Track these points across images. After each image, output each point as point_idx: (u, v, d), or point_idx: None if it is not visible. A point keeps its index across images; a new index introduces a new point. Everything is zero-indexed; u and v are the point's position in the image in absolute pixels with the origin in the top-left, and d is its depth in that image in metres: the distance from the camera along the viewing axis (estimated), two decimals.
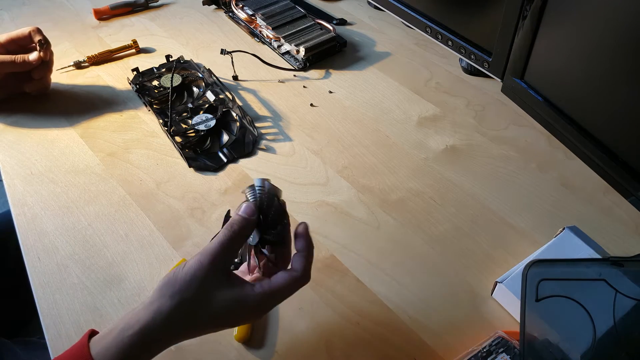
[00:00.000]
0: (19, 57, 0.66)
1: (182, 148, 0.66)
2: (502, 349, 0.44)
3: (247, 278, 0.42)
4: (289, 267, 0.41)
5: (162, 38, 0.87)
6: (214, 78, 0.75)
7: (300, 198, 0.60)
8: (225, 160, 0.65)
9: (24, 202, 0.60)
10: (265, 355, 0.47)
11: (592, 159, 0.57)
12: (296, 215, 0.58)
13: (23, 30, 0.68)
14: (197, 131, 0.67)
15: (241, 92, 0.76)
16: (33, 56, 0.67)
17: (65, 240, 0.56)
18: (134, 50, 0.84)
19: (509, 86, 0.66)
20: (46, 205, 0.59)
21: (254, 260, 0.42)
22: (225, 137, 0.68)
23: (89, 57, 0.80)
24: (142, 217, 0.58)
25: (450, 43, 0.73)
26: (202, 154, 0.66)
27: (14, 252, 0.69)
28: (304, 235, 0.41)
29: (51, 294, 0.51)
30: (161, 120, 0.69)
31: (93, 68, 0.80)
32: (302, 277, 0.40)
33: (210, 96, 0.72)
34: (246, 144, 0.67)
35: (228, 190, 0.61)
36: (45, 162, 0.65)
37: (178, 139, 0.67)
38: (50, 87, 0.74)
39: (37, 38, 0.68)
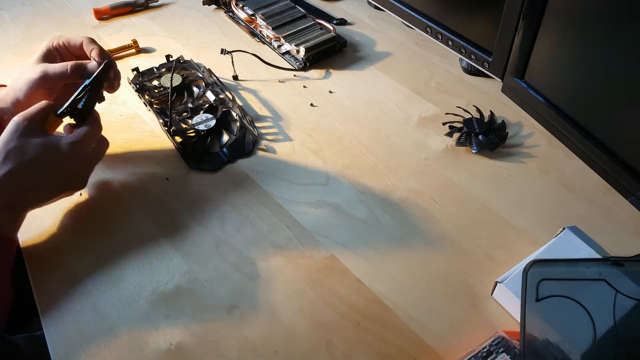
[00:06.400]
0: (71, 65, 0.57)
1: (182, 148, 0.66)
2: (502, 349, 0.44)
3: None
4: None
5: (162, 38, 0.87)
6: (214, 78, 0.75)
7: (300, 198, 0.60)
8: (225, 160, 0.65)
9: None
10: (265, 355, 0.47)
11: (592, 159, 0.57)
12: (296, 215, 0.58)
13: (75, 39, 0.60)
14: (197, 131, 0.67)
15: (241, 92, 0.76)
16: (92, 65, 0.57)
17: (66, 240, 0.56)
18: (134, 50, 0.84)
19: (509, 86, 0.66)
20: (46, 205, 0.59)
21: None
22: (225, 137, 0.68)
23: None
24: (142, 217, 0.58)
25: (450, 43, 0.73)
26: (202, 153, 0.65)
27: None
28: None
29: (51, 295, 0.51)
30: (161, 120, 0.69)
31: None
32: (97, 122, 0.56)
33: (210, 96, 0.72)
34: (246, 144, 0.67)
35: (228, 190, 0.61)
36: None
37: (178, 138, 0.67)
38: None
39: (92, 51, 0.59)
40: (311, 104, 0.73)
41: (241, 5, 0.89)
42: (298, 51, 0.79)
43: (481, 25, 0.67)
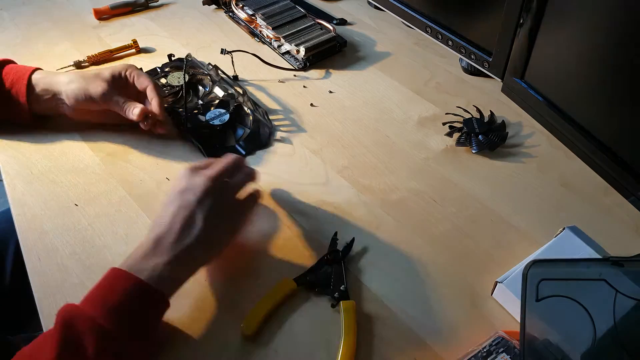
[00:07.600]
0: (127, 107, 0.62)
1: (201, 144, 0.66)
2: (502, 349, 0.44)
3: None
4: None
5: (162, 38, 0.87)
6: (222, 74, 0.75)
7: (300, 198, 0.60)
8: (243, 153, 0.65)
9: (24, 202, 0.60)
10: (265, 355, 0.47)
11: (592, 159, 0.57)
12: (296, 215, 0.58)
13: (144, 80, 0.63)
14: (211, 126, 0.67)
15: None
16: (137, 111, 0.62)
17: (66, 240, 0.56)
18: (134, 50, 0.84)
19: (509, 86, 0.66)
20: (46, 205, 0.59)
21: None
22: (241, 131, 0.68)
23: (89, 57, 0.80)
24: (143, 217, 0.58)
25: (450, 43, 0.73)
26: (219, 148, 0.66)
27: (14, 251, 0.69)
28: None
29: (51, 294, 0.51)
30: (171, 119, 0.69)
31: (93, 68, 0.80)
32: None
33: (218, 92, 0.72)
34: (262, 136, 0.67)
35: None
36: (45, 162, 0.65)
37: (193, 134, 0.67)
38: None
39: (152, 99, 0.63)
40: (311, 104, 0.73)
41: (241, 5, 0.89)
42: (298, 51, 0.79)
43: (481, 25, 0.67)
